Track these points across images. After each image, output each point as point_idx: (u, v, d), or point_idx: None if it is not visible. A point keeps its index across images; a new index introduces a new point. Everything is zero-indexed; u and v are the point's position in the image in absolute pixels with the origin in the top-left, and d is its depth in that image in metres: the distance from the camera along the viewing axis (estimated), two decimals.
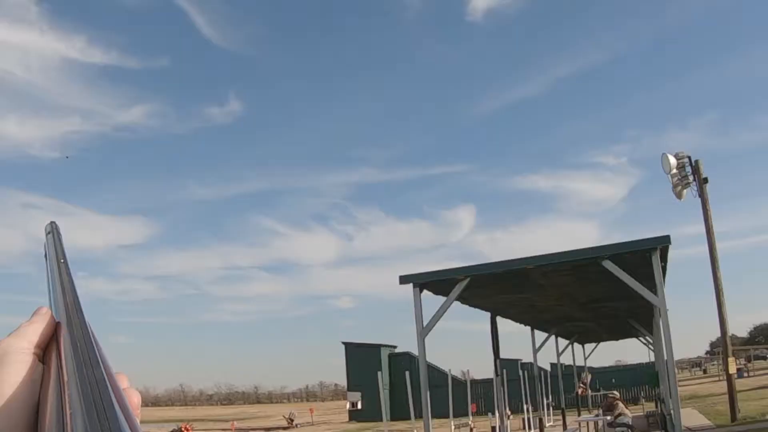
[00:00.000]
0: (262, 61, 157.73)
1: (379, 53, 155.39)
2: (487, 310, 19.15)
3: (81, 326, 0.79)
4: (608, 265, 12.21)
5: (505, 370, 23.69)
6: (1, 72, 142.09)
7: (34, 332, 0.81)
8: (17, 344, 0.79)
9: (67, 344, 0.76)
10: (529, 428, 29.04)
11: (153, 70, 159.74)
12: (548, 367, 40.32)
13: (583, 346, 36.56)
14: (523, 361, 42.83)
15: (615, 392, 23.95)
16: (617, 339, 34.92)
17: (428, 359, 14.32)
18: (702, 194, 26.58)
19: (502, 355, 20.91)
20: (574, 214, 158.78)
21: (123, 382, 0.77)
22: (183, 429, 37.52)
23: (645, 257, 12.15)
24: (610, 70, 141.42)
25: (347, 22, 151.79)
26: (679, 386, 15.90)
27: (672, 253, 12.76)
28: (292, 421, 55.24)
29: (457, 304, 15.44)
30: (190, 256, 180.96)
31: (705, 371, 74.60)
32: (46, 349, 0.81)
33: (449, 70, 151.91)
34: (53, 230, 1.04)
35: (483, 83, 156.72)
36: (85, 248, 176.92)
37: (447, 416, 27.20)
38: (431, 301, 14.66)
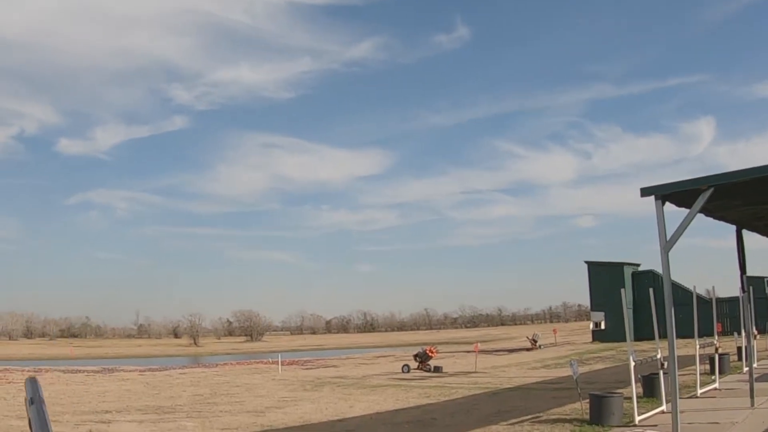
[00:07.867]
0: None
1: None
2: (732, 223, 18.26)
3: None
4: None
5: (751, 288, 23.62)
6: (230, 22, 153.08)
7: None
8: None
9: None
10: None
11: (376, 4, 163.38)
12: None
13: None
14: None
15: None
16: None
17: (672, 277, 14.13)
18: None
19: (749, 272, 20.88)
20: None
21: None
22: (427, 351, 37.97)
23: None
24: None
25: None
26: None
27: None
28: (536, 342, 56.13)
29: (701, 218, 15.16)
30: (429, 183, 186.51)
31: None
32: None
33: None
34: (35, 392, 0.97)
35: None
36: (325, 182, 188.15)
37: (691, 336, 27.43)
38: (674, 216, 15.17)
